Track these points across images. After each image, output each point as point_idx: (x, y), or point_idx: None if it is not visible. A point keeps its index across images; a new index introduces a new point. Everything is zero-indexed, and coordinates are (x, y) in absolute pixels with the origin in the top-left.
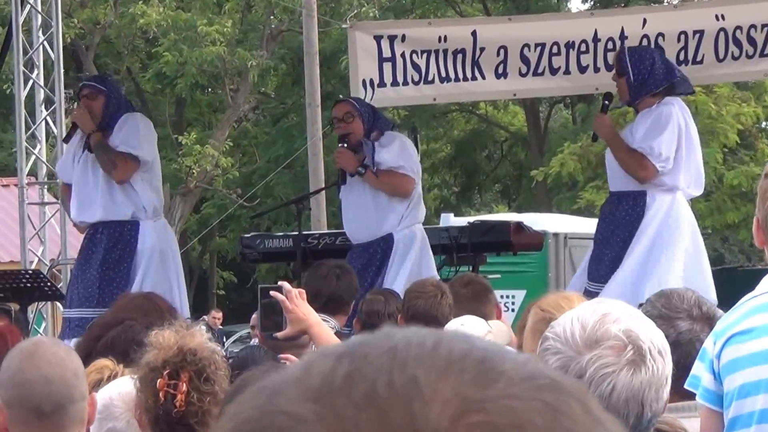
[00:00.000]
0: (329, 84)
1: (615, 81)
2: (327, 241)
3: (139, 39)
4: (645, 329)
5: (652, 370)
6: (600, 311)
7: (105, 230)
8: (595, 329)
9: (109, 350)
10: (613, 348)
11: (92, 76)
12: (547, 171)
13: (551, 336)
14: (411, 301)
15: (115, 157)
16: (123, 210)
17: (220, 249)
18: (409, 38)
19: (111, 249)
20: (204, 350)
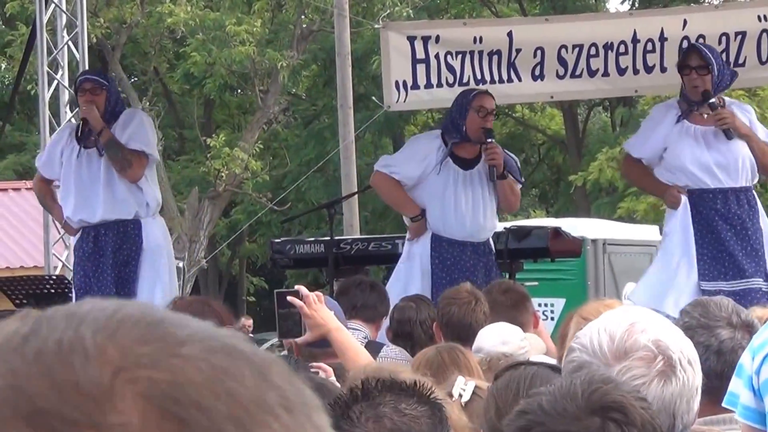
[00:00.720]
0: (361, 85)
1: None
2: (359, 247)
3: (166, 39)
4: (674, 339)
5: (682, 381)
6: (627, 320)
7: (109, 232)
8: (624, 340)
9: None
10: (642, 359)
11: (92, 70)
12: (585, 176)
13: (578, 347)
14: (445, 308)
15: (130, 155)
16: (126, 209)
17: (250, 254)
18: (443, 39)
19: (119, 250)
20: None
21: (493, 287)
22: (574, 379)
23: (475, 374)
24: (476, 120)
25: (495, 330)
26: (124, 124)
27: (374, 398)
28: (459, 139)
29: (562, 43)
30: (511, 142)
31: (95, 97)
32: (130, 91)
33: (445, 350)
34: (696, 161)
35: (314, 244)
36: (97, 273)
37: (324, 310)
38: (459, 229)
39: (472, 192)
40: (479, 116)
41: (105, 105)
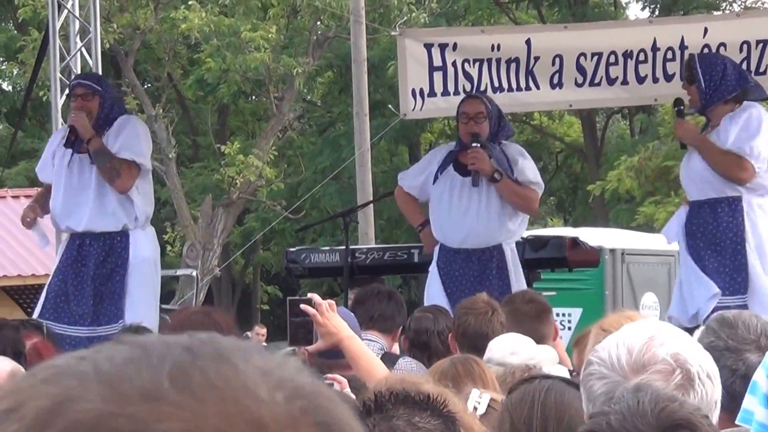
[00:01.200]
0: (378, 92)
1: (685, 89)
2: (375, 256)
3: (180, 45)
4: (693, 352)
5: (701, 395)
6: (646, 334)
7: (94, 243)
8: (642, 353)
9: None
10: (660, 372)
11: (86, 74)
12: (604, 185)
13: (596, 360)
14: (461, 318)
15: (119, 165)
16: (114, 221)
17: (264, 263)
18: (460, 46)
19: (102, 263)
20: None
21: (516, 296)
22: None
23: (491, 386)
24: (462, 126)
25: (505, 340)
26: (117, 132)
27: (388, 411)
28: (458, 148)
29: (581, 51)
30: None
31: (87, 102)
32: (143, 98)
33: (459, 361)
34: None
35: (329, 254)
36: (76, 282)
37: (336, 318)
38: (454, 235)
39: (468, 198)
40: (462, 122)
41: (98, 111)
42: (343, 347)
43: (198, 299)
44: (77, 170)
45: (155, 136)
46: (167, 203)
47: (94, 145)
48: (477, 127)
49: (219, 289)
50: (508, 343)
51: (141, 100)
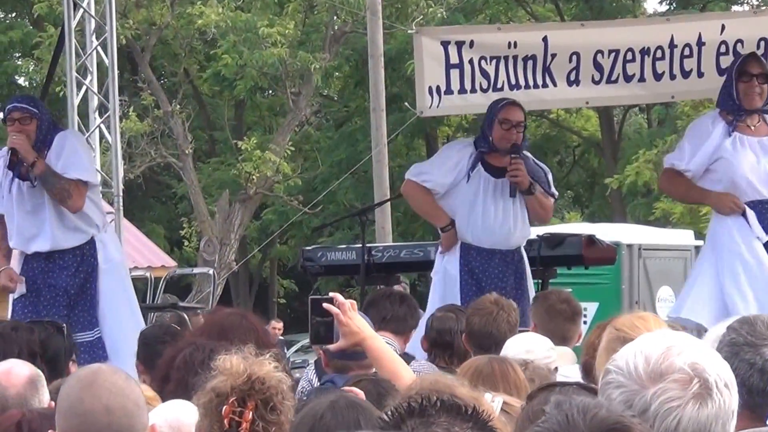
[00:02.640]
0: (394, 86)
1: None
2: (392, 254)
3: (197, 40)
4: (711, 361)
5: (719, 404)
6: (664, 343)
7: (65, 255)
8: (660, 362)
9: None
10: (678, 381)
11: (21, 97)
12: (621, 179)
13: (613, 369)
14: (469, 318)
15: (68, 185)
16: (81, 235)
17: (281, 256)
18: (477, 44)
19: (75, 273)
20: (272, 379)
21: (551, 294)
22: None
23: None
24: (500, 132)
25: (522, 339)
26: (58, 152)
27: (429, 416)
28: (487, 149)
29: (597, 48)
30: (546, 144)
31: (25, 126)
32: (159, 94)
33: (497, 361)
34: (755, 172)
35: (346, 252)
36: (48, 293)
37: (359, 318)
38: (488, 236)
39: (503, 200)
40: (503, 128)
41: (36, 134)
42: (366, 347)
43: (215, 294)
44: (27, 194)
45: (172, 132)
46: (184, 198)
47: (39, 169)
48: (517, 136)
49: (236, 283)
50: (524, 341)
51: (157, 96)
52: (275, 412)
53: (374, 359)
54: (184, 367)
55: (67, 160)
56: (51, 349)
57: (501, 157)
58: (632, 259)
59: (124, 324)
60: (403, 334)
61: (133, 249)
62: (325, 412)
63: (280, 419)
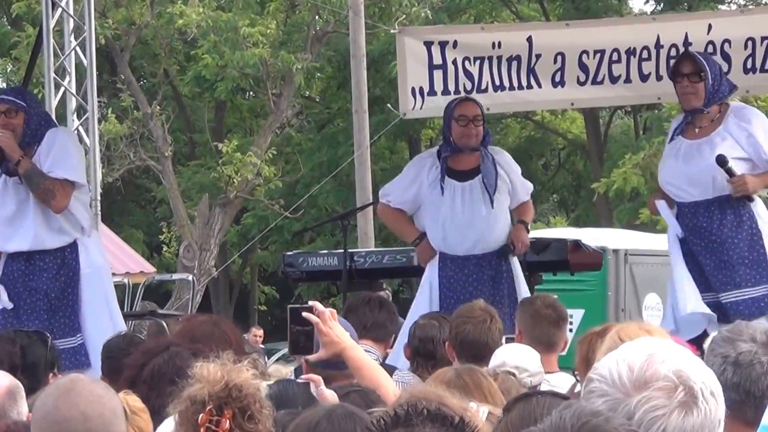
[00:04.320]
0: (377, 88)
1: (683, 86)
2: (374, 260)
3: (177, 40)
4: (696, 369)
5: (704, 412)
6: (647, 351)
7: (45, 257)
8: (644, 370)
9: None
10: (662, 389)
11: (9, 90)
12: (609, 184)
13: (597, 377)
14: (460, 326)
15: (52, 185)
16: (62, 237)
17: (262, 262)
18: (461, 44)
19: (55, 276)
20: (250, 387)
21: (537, 299)
22: (563, 415)
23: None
24: (458, 129)
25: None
26: (47, 149)
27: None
28: (450, 152)
29: (583, 49)
30: (531, 147)
31: (10, 120)
32: (139, 95)
33: (466, 373)
34: (676, 176)
35: (327, 257)
36: (27, 297)
37: (339, 327)
38: (459, 243)
39: (472, 204)
40: (460, 125)
41: (24, 128)
42: (346, 357)
43: (195, 301)
44: (13, 192)
45: (151, 135)
46: (163, 202)
47: (24, 167)
48: (477, 131)
49: (216, 289)
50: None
51: (136, 97)
52: (253, 421)
53: (355, 369)
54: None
55: (55, 158)
56: (29, 359)
57: (467, 158)
58: (618, 264)
59: (105, 331)
60: (384, 341)
61: (111, 255)
62: (321, 420)
63: (258, 428)
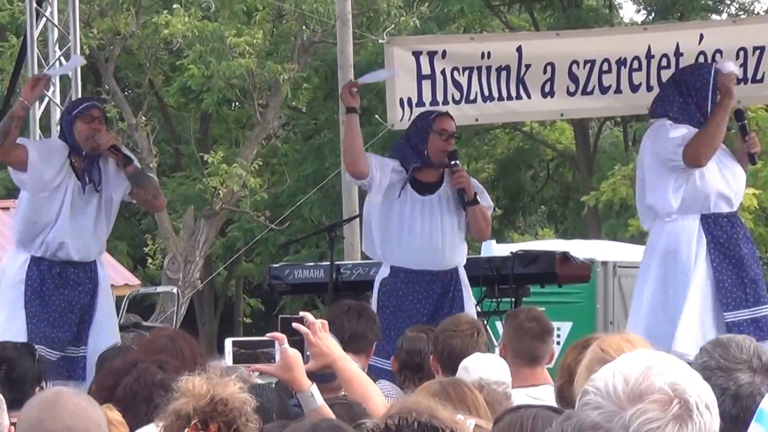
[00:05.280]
0: (364, 99)
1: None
2: (361, 272)
3: (162, 50)
4: (692, 382)
5: (699, 425)
6: (643, 363)
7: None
8: (639, 382)
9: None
10: (657, 402)
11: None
12: (598, 196)
13: (592, 390)
14: (446, 340)
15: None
16: (100, 249)
17: (247, 275)
18: (450, 54)
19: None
20: (235, 401)
21: (520, 312)
22: (564, 427)
23: (483, 413)
24: (439, 143)
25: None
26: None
27: None
28: (420, 164)
29: (573, 59)
30: (519, 158)
31: (102, 127)
32: (124, 105)
33: (450, 385)
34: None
35: (313, 269)
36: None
37: (329, 338)
38: (413, 257)
39: (430, 218)
40: (441, 139)
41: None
42: (336, 368)
43: (179, 313)
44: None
45: (136, 146)
46: (148, 214)
47: (133, 166)
48: (451, 146)
49: (201, 302)
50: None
51: (121, 108)
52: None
53: (345, 381)
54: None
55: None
56: (16, 372)
57: (430, 172)
58: (607, 276)
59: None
60: (364, 351)
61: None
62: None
63: None
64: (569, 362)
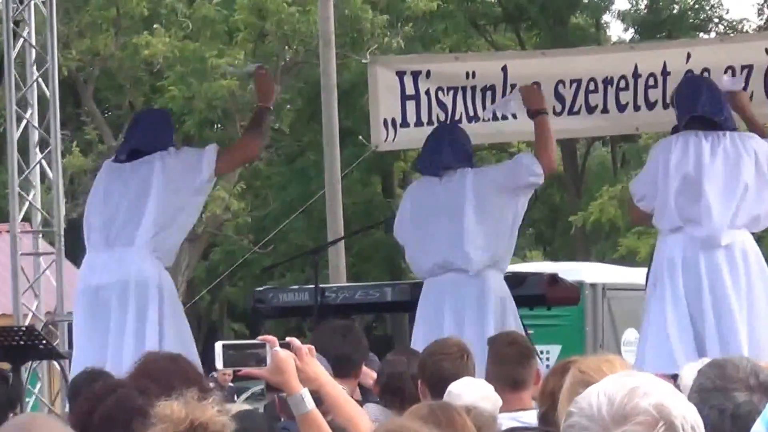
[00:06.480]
0: (348, 120)
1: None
2: (346, 295)
3: (142, 71)
4: (677, 403)
5: None
6: (629, 384)
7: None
8: (624, 403)
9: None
10: (642, 424)
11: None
12: (586, 216)
13: (576, 411)
14: (436, 364)
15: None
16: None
17: (231, 298)
18: (434, 74)
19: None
20: (216, 424)
21: (499, 337)
22: None
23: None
24: None
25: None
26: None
27: None
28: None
29: (559, 78)
30: None
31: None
32: (103, 127)
33: (439, 408)
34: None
35: (298, 293)
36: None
37: (315, 363)
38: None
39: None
40: None
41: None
42: (323, 394)
43: None
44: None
45: None
46: None
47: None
48: None
49: None
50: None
51: (101, 129)
52: None
53: (331, 406)
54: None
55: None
56: None
57: None
58: (596, 299)
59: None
60: (351, 373)
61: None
62: None
63: None
64: (551, 388)
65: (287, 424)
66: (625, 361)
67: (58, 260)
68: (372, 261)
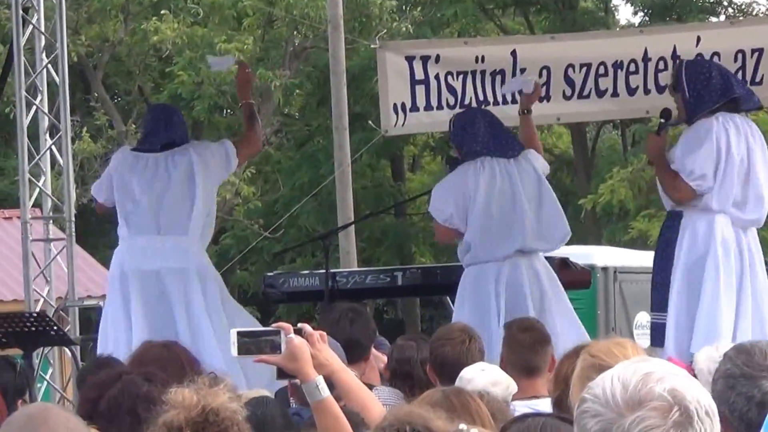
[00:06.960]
0: (358, 104)
1: (672, 97)
2: (357, 280)
3: (151, 57)
4: (691, 388)
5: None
6: (642, 370)
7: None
8: (638, 389)
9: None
10: (657, 409)
11: None
12: (596, 199)
13: (590, 397)
14: (438, 348)
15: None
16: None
17: (242, 283)
18: (443, 58)
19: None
20: (227, 410)
21: (513, 323)
22: None
23: (487, 422)
24: None
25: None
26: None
27: None
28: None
29: (569, 62)
30: None
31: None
32: (113, 113)
33: (453, 394)
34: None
35: (309, 278)
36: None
37: (328, 350)
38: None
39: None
40: None
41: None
42: (335, 380)
43: None
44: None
45: None
46: None
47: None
48: None
49: None
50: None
51: (111, 115)
52: None
53: (344, 393)
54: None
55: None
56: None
57: None
58: (607, 282)
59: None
60: (362, 358)
61: (87, 277)
62: None
63: None
64: (564, 372)
65: (298, 409)
66: (637, 344)
67: (68, 246)
68: (382, 245)
